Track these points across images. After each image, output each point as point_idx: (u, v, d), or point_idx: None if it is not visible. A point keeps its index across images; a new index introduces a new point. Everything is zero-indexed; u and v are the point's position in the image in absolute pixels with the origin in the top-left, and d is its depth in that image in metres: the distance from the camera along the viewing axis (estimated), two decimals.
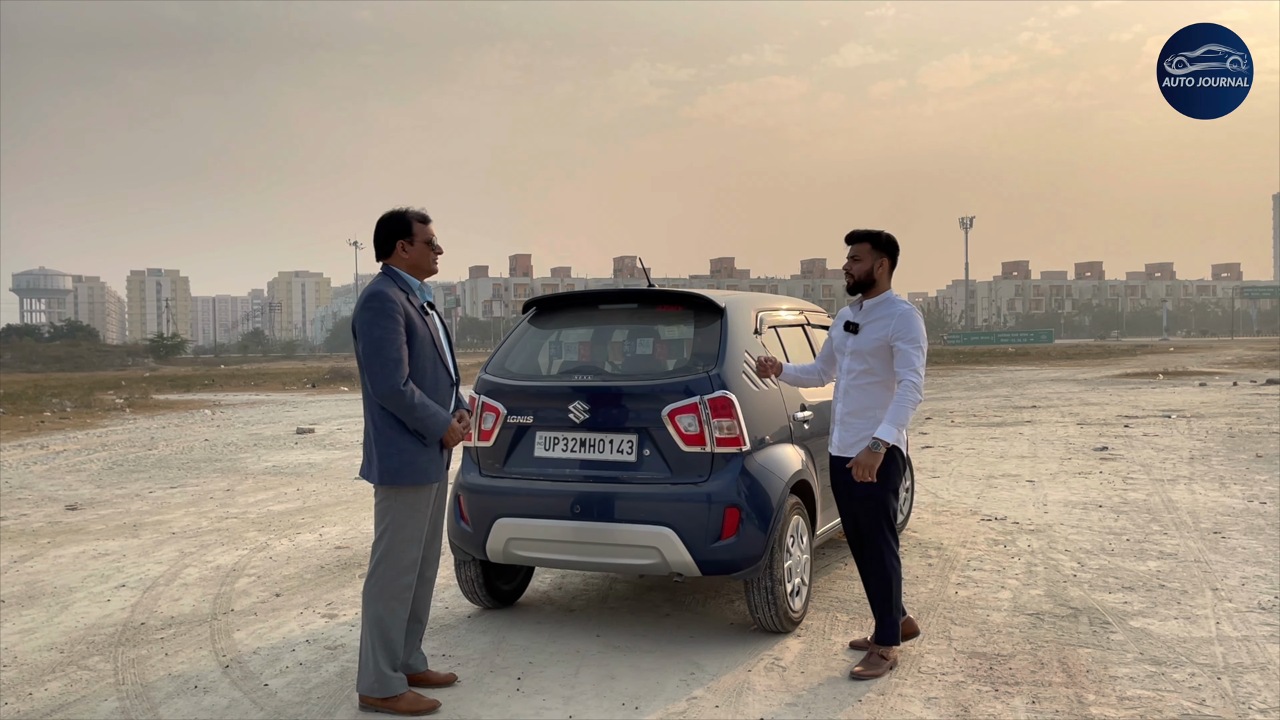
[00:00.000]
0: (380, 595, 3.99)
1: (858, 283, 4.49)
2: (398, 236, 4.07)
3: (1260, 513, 7.78)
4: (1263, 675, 4.23)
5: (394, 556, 4.01)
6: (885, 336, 4.37)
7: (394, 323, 3.91)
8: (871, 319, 4.45)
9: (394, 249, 4.08)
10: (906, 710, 3.93)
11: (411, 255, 4.09)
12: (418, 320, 4.02)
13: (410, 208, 4.13)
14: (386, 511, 4.01)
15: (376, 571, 4.01)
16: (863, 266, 4.47)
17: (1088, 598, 5.48)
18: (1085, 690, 4.11)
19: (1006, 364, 42.89)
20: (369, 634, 3.99)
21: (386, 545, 4.01)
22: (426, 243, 4.11)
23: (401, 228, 4.07)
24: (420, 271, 4.13)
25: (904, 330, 4.34)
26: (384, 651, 3.98)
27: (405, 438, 3.97)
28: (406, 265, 4.09)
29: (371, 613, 3.99)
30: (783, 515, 4.78)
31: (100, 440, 16.38)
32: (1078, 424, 15.40)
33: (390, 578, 4.00)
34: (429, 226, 4.13)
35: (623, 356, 5.62)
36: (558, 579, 6.22)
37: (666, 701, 4.08)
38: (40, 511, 9.17)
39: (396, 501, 4.01)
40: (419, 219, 4.10)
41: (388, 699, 3.97)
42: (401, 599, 4.03)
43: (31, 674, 4.60)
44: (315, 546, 7.36)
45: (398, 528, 4.01)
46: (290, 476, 11.36)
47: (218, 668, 4.63)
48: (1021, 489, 9.26)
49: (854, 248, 4.50)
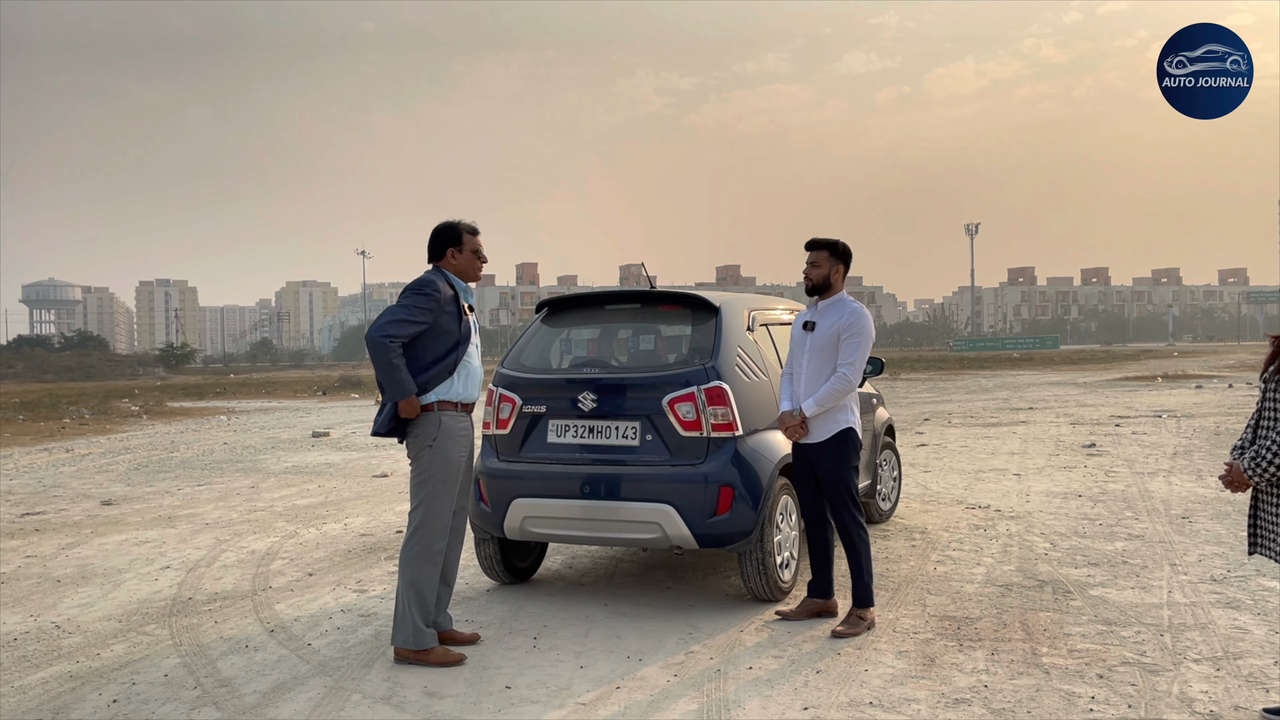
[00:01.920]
0: (415, 559, 4.52)
1: (815, 286, 5.03)
2: (449, 244, 4.68)
3: (1229, 500, 8.26)
4: (1202, 633, 4.72)
5: (428, 525, 4.55)
6: (836, 330, 4.92)
7: (429, 303, 4.49)
8: (826, 316, 5.00)
9: (445, 254, 4.70)
10: (880, 661, 4.43)
11: (459, 262, 4.70)
12: (465, 315, 4.62)
13: (463, 220, 4.74)
14: (423, 485, 4.56)
15: (414, 538, 4.55)
16: (820, 272, 5.03)
17: (1055, 572, 5.98)
18: (1040, 644, 4.61)
19: (1010, 369, 43.32)
20: (405, 592, 4.52)
21: (423, 515, 4.55)
22: (474, 252, 4.72)
23: (453, 237, 4.69)
24: (466, 277, 4.74)
25: (851, 324, 4.92)
26: (419, 609, 4.51)
27: None
28: (454, 270, 4.71)
29: (408, 574, 4.52)
30: (772, 494, 5.29)
31: (123, 444, 16.94)
32: (1070, 424, 15.87)
33: (425, 544, 4.53)
34: (477, 238, 4.74)
35: (627, 351, 6.14)
36: (569, 558, 6.73)
37: (666, 655, 4.59)
38: (78, 507, 9.70)
39: (433, 475, 4.55)
40: (469, 231, 4.72)
41: (420, 651, 4.49)
42: (434, 562, 4.56)
43: (95, 639, 5.12)
44: (341, 534, 7.88)
45: (433, 499, 4.55)
46: (311, 475, 11.89)
47: (264, 632, 5.15)
48: (1007, 481, 9.75)
49: (813, 254, 5.07)
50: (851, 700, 3.97)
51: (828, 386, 4.88)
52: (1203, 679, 4.11)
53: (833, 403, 4.89)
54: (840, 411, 4.95)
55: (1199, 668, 4.25)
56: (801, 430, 4.97)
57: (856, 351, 4.90)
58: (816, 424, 4.95)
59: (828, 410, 4.92)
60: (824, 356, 4.95)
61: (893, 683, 4.15)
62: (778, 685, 4.16)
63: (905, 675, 4.24)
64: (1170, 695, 3.94)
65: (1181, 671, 4.20)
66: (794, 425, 4.98)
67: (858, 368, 4.90)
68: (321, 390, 37.68)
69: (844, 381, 4.87)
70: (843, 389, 4.88)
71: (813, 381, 4.96)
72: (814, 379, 4.96)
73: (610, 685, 4.22)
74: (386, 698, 4.12)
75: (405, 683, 4.29)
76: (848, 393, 4.91)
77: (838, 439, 4.94)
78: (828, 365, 4.94)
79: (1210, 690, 3.98)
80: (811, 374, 4.98)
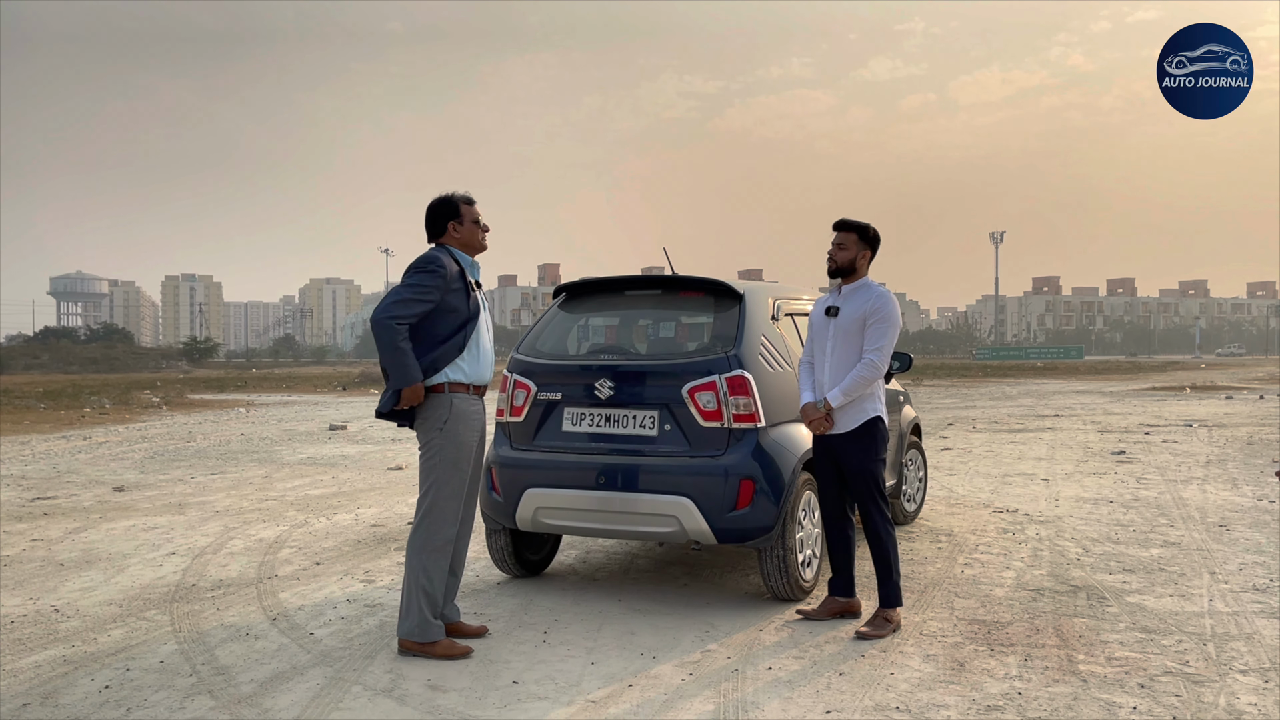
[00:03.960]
0: (424, 547, 4.34)
1: (840, 268, 4.80)
2: (448, 218, 4.45)
3: (1268, 510, 7.97)
4: (1248, 644, 4.47)
5: (437, 512, 4.36)
6: (862, 315, 4.69)
7: (435, 280, 4.27)
8: (851, 301, 4.76)
9: (446, 229, 4.46)
10: (906, 664, 4.21)
11: (462, 234, 4.47)
12: (472, 291, 4.42)
13: (456, 191, 4.50)
14: (431, 471, 4.37)
15: (422, 526, 4.37)
16: (848, 255, 4.79)
17: (1089, 578, 5.73)
18: (1076, 651, 4.37)
19: (1034, 377, 42.82)
20: (412, 583, 4.33)
21: (431, 501, 4.36)
22: (475, 222, 4.49)
23: (451, 210, 4.45)
24: (471, 249, 4.51)
25: (878, 309, 4.69)
26: (426, 600, 4.32)
27: None
28: (458, 244, 4.48)
29: (416, 563, 4.34)
30: (795, 489, 5.08)
31: (140, 433, 16.90)
32: (1098, 431, 15.54)
33: (434, 531, 4.35)
34: (475, 207, 4.51)
35: (646, 339, 5.94)
36: (582, 553, 6.54)
37: (682, 653, 4.38)
38: (89, 492, 9.60)
39: (441, 461, 4.35)
40: (465, 201, 4.49)
41: (425, 644, 4.30)
42: (443, 551, 4.37)
43: (94, 623, 4.97)
44: (352, 524, 7.72)
45: (441, 485, 4.36)
46: (325, 466, 11.75)
47: (266, 620, 4.98)
48: (1035, 486, 9.48)
49: (842, 236, 4.81)
50: (877, 705, 3.75)
51: (855, 374, 4.66)
52: (1251, 690, 3.86)
53: (860, 391, 4.67)
54: (867, 400, 4.72)
55: (1246, 679, 4.00)
56: (827, 423, 4.75)
57: (884, 337, 4.67)
58: (842, 414, 4.73)
59: (854, 400, 4.70)
60: (849, 343, 4.72)
61: (920, 687, 3.93)
62: (798, 687, 3.95)
63: (933, 680, 4.02)
64: (1217, 707, 3.70)
65: (1228, 683, 3.96)
66: (819, 418, 4.76)
67: (885, 354, 4.67)
68: (341, 385, 37.71)
69: (872, 369, 4.65)
70: (870, 376, 4.65)
71: (837, 370, 4.74)
72: (838, 367, 4.74)
73: (622, 683, 4.01)
74: (388, 690, 3.94)
75: (408, 675, 4.11)
76: (875, 381, 4.68)
77: (865, 429, 4.71)
78: (852, 352, 4.72)
79: (1260, 703, 3.74)
80: (835, 362, 4.75)
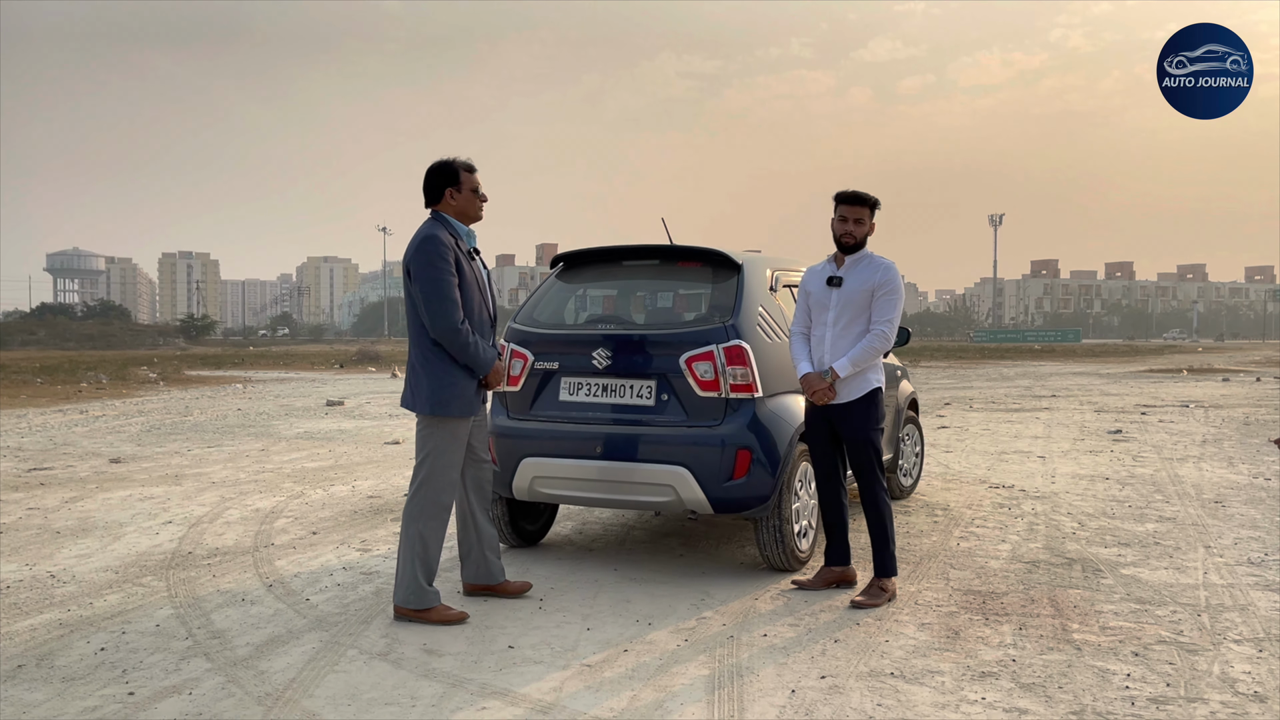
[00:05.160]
0: (420, 514, 4.33)
1: (858, 244, 4.76)
2: (446, 184, 4.38)
3: (1263, 487, 7.98)
4: (1242, 615, 4.48)
5: (435, 480, 4.35)
6: (870, 287, 4.67)
7: (448, 264, 4.24)
8: (855, 273, 4.73)
9: (443, 196, 4.40)
10: (901, 632, 4.22)
11: (459, 203, 4.40)
12: (465, 263, 4.36)
13: (457, 157, 4.43)
14: (429, 439, 4.36)
15: (419, 494, 4.36)
16: (864, 230, 4.75)
17: (1084, 550, 5.74)
18: (1070, 621, 4.38)
19: (1031, 360, 42.85)
20: (407, 550, 4.33)
21: (429, 470, 4.35)
22: (473, 191, 4.43)
23: (450, 176, 4.38)
24: (466, 218, 4.45)
25: (886, 281, 4.68)
26: (421, 566, 4.31)
27: (452, 372, 4.30)
28: (454, 212, 4.42)
29: (412, 530, 4.33)
30: (791, 459, 5.07)
31: (137, 408, 16.89)
32: (1095, 411, 15.56)
33: (431, 499, 4.34)
34: (475, 175, 4.44)
35: (644, 309, 5.92)
36: (578, 524, 6.54)
37: (677, 620, 4.39)
38: (86, 464, 9.59)
39: (439, 430, 4.35)
40: (465, 168, 4.41)
41: (421, 610, 4.30)
42: (440, 518, 4.37)
43: (90, 589, 4.97)
44: (348, 496, 7.72)
45: (439, 454, 4.35)
46: (322, 441, 11.75)
47: (262, 587, 4.98)
48: (1032, 463, 9.49)
49: (857, 209, 4.74)
50: (872, 670, 3.76)
51: (864, 345, 4.63)
52: (1245, 660, 3.87)
53: (869, 362, 4.65)
54: (871, 370, 4.71)
55: (1240, 648, 4.01)
56: (831, 393, 4.72)
57: (894, 309, 4.66)
58: (845, 385, 4.71)
59: (859, 370, 4.68)
60: (854, 315, 4.70)
61: (915, 654, 3.94)
62: (794, 653, 3.95)
63: (928, 647, 4.03)
64: (1211, 675, 3.71)
65: (1222, 652, 3.97)
66: (824, 388, 4.72)
67: (894, 326, 4.66)
68: (339, 363, 37.67)
69: (882, 339, 4.63)
70: (880, 347, 4.63)
71: (841, 340, 4.72)
72: (842, 338, 4.72)
73: (618, 648, 4.02)
74: (384, 654, 3.94)
75: (404, 639, 4.11)
76: (884, 352, 4.68)
77: (866, 399, 4.69)
78: (858, 324, 4.69)
79: (1254, 671, 3.75)
80: (839, 333, 4.73)
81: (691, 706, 3.42)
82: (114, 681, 3.66)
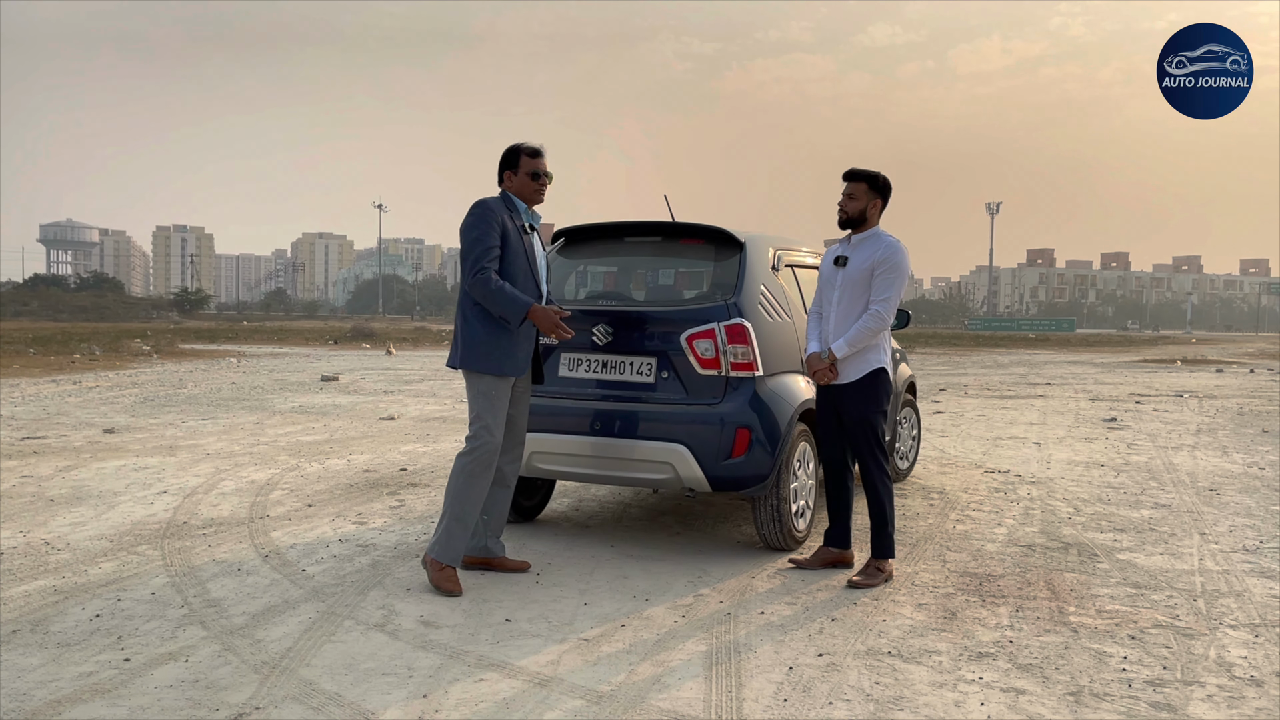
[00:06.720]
0: (459, 471, 4.45)
1: (850, 219, 4.73)
2: (506, 167, 4.62)
3: (1258, 476, 8.00)
4: (1238, 600, 4.49)
5: (475, 439, 4.44)
6: (870, 264, 4.64)
7: (489, 226, 4.41)
8: (859, 251, 4.71)
9: (503, 178, 4.62)
10: (898, 612, 4.22)
11: (515, 184, 4.61)
12: (514, 234, 4.49)
13: (527, 143, 4.61)
14: (470, 399, 4.51)
15: (460, 454, 4.48)
16: (858, 205, 4.71)
17: (1079, 535, 5.75)
18: (1067, 604, 4.39)
19: (1026, 348, 42.91)
20: (447, 506, 4.46)
21: (473, 431, 4.45)
22: (529, 174, 4.57)
23: (509, 159, 4.61)
24: (525, 199, 4.62)
25: (886, 259, 4.63)
26: (458, 525, 4.43)
27: (488, 326, 4.43)
28: (514, 191, 4.61)
29: (454, 485, 4.44)
30: (790, 439, 5.06)
31: (130, 380, 16.83)
32: (1090, 399, 15.58)
33: (480, 457, 4.43)
34: (537, 160, 4.60)
35: (645, 285, 5.89)
36: (575, 500, 6.53)
37: (675, 597, 4.39)
38: (80, 434, 9.56)
39: (474, 387, 4.46)
40: (528, 153, 4.59)
41: (443, 566, 4.41)
42: (479, 478, 4.45)
43: (85, 557, 4.95)
44: (344, 469, 7.70)
45: (479, 414, 4.45)
46: (317, 415, 11.72)
47: (258, 557, 4.97)
48: (1027, 449, 9.51)
49: (851, 186, 4.73)
50: (869, 649, 3.76)
51: (860, 325, 4.61)
52: (1241, 644, 3.88)
53: (865, 343, 4.63)
54: (872, 351, 4.68)
55: (1236, 633, 4.02)
56: (831, 374, 4.71)
57: (891, 288, 4.62)
58: (846, 365, 4.69)
59: (859, 351, 4.66)
60: (856, 293, 4.68)
61: (912, 634, 3.94)
62: (791, 631, 3.95)
63: (925, 627, 4.03)
64: (1207, 659, 3.72)
65: (1218, 636, 3.98)
66: (823, 369, 4.71)
67: (892, 305, 4.62)
68: (333, 339, 37.60)
69: (878, 319, 4.60)
70: (876, 327, 4.60)
71: (843, 320, 4.70)
72: (844, 317, 4.70)
73: (615, 623, 4.02)
74: (380, 625, 3.94)
75: (401, 611, 4.10)
76: (881, 332, 4.64)
77: (868, 380, 4.67)
78: (859, 302, 4.67)
79: (1250, 655, 3.76)
80: (842, 312, 4.71)
81: (690, 682, 3.42)
82: (109, 648, 3.64)
